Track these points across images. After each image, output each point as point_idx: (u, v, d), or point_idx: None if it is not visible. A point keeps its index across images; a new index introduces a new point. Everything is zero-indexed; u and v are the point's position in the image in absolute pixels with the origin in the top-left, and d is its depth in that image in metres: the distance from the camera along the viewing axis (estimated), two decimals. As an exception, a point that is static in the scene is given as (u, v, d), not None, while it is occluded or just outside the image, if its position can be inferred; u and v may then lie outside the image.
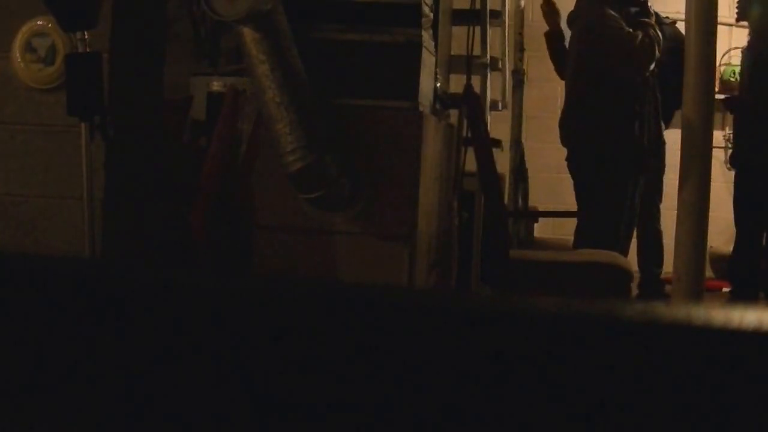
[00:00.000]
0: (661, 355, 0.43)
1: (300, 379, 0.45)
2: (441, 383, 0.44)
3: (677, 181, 3.21)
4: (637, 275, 5.27)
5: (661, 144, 5.29)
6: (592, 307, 0.45)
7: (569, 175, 5.20)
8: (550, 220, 6.88)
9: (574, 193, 5.18)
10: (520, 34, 5.87)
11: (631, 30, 4.88)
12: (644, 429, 0.43)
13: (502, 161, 5.74)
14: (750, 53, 5.58)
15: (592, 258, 4.14)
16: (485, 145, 3.76)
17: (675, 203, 3.28)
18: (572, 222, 5.36)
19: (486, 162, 3.69)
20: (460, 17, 4.22)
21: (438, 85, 3.53)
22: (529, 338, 0.44)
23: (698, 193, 2.38)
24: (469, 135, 3.81)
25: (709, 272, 5.48)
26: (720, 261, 6.23)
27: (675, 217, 3.25)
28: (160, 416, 0.47)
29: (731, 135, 6.57)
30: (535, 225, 6.66)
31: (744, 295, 5.30)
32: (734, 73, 6.89)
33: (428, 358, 0.45)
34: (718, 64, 6.36)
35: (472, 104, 3.78)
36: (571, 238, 5.22)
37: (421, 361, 0.45)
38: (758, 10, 5.51)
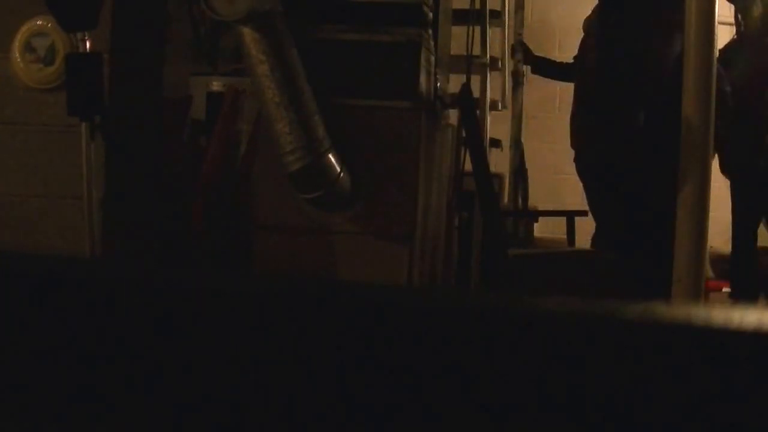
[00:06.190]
0: (660, 355, 0.43)
1: (299, 379, 0.46)
2: (440, 383, 0.44)
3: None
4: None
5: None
6: (592, 306, 0.45)
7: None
8: (550, 219, 6.87)
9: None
10: (520, 34, 5.86)
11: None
12: (644, 429, 0.43)
13: (502, 161, 5.74)
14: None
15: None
16: (479, 145, 3.76)
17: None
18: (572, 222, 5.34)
19: (479, 162, 3.69)
20: (460, 17, 4.22)
21: (438, 85, 3.53)
22: (528, 338, 0.44)
23: (698, 193, 2.37)
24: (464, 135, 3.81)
25: (709, 272, 5.48)
26: (720, 261, 6.23)
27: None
28: (160, 416, 0.47)
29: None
30: (535, 225, 6.65)
31: (744, 295, 5.29)
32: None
33: (428, 358, 0.45)
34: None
35: (466, 105, 3.78)
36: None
37: (420, 361, 0.45)
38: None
